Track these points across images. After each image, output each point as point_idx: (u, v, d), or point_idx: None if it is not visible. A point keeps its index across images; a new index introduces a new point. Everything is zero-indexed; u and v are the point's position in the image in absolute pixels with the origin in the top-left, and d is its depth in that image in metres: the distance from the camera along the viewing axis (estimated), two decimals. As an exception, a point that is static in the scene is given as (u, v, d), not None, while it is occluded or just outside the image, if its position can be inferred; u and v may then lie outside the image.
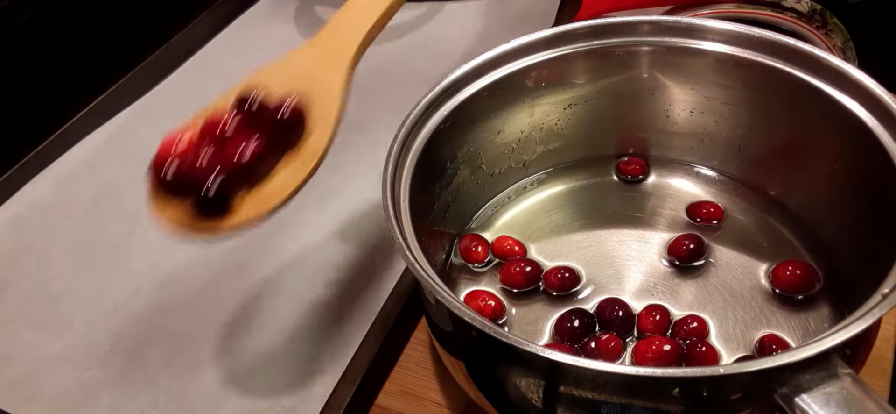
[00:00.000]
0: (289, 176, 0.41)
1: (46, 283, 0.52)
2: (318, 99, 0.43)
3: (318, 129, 0.42)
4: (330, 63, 0.44)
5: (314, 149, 0.42)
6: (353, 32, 0.45)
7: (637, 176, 0.51)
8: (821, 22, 0.55)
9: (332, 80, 0.44)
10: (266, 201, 0.40)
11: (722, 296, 0.43)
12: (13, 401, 0.45)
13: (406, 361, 0.46)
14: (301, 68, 0.44)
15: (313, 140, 0.42)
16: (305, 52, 0.45)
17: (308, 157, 0.42)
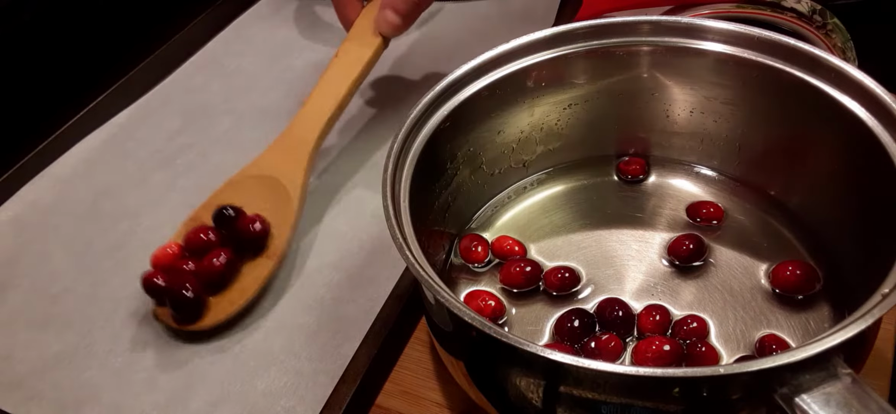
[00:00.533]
0: (251, 279, 0.49)
1: (46, 283, 0.52)
2: (283, 193, 0.51)
3: (279, 231, 0.50)
4: (293, 160, 0.52)
5: (274, 250, 0.50)
6: (309, 131, 0.53)
7: (637, 176, 0.51)
8: (821, 22, 0.55)
9: (296, 175, 0.52)
10: (233, 302, 0.48)
11: (722, 296, 0.43)
12: (13, 401, 0.45)
13: (406, 361, 0.46)
14: (270, 167, 0.53)
15: (274, 243, 0.50)
16: (271, 153, 0.53)
17: (269, 258, 0.49)
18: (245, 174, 0.53)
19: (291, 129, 0.54)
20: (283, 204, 0.51)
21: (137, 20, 0.74)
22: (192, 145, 0.62)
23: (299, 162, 0.52)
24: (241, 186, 0.52)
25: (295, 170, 0.52)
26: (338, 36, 0.73)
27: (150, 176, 0.60)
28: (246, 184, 0.52)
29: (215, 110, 0.66)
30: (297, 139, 0.53)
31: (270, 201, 0.51)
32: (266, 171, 0.52)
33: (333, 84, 0.54)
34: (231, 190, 0.52)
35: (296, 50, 0.73)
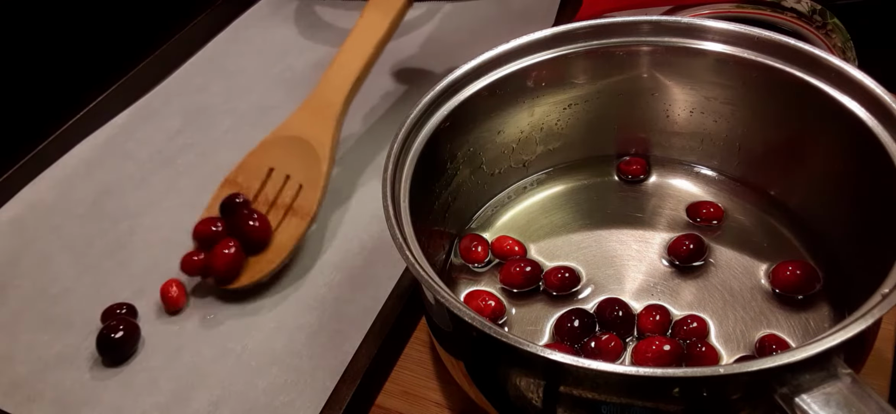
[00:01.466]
0: (286, 238, 0.51)
1: (47, 283, 0.52)
2: (312, 154, 0.53)
3: (310, 190, 0.52)
4: (321, 122, 0.54)
5: (306, 211, 0.52)
6: (336, 92, 0.54)
7: (638, 176, 0.51)
8: (821, 22, 0.55)
9: (325, 136, 0.53)
10: (271, 262, 0.50)
11: (722, 296, 0.43)
12: (14, 401, 0.45)
13: (406, 361, 0.46)
14: (299, 128, 0.54)
15: (307, 201, 0.52)
16: (300, 115, 0.54)
17: (302, 219, 0.51)
18: (276, 135, 0.54)
19: (319, 90, 0.55)
20: (312, 165, 0.52)
21: (138, 20, 0.74)
22: (192, 145, 0.62)
23: (327, 124, 0.53)
24: (273, 147, 0.53)
25: (323, 131, 0.53)
26: (338, 36, 0.74)
27: (150, 176, 0.60)
28: (277, 145, 0.53)
29: (215, 110, 0.66)
30: (324, 101, 0.54)
31: (301, 162, 0.52)
32: (295, 133, 0.53)
33: (360, 44, 0.55)
34: (263, 152, 0.53)
35: (296, 50, 0.73)
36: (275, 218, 0.51)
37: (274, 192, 0.52)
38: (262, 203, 0.52)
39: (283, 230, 0.51)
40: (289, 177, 0.52)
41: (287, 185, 0.52)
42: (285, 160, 0.53)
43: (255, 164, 0.53)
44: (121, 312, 0.48)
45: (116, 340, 0.46)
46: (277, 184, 0.52)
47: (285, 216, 0.52)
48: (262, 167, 0.53)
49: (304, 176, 0.52)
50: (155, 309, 0.49)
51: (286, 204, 0.52)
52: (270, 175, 0.53)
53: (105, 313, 0.48)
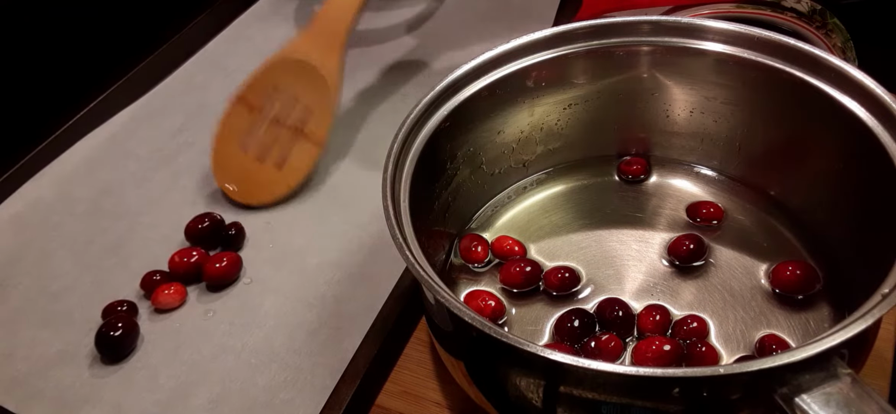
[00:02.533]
0: (301, 162, 0.55)
1: (47, 281, 0.52)
2: (320, 80, 0.55)
3: (320, 115, 0.55)
4: (326, 48, 0.55)
5: (318, 138, 0.55)
6: (340, 19, 0.56)
7: (639, 176, 0.51)
8: (821, 22, 0.55)
9: (331, 62, 0.55)
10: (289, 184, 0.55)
11: (722, 296, 0.43)
12: (15, 399, 0.45)
13: (406, 361, 0.46)
14: (306, 53, 0.55)
15: (318, 127, 0.55)
16: (306, 40, 0.56)
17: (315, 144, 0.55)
18: (284, 57, 0.55)
19: (322, 18, 0.56)
20: (321, 91, 0.55)
21: (138, 20, 0.74)
22: (192, 144, 0.62)
23: (333, 50, 0.55)
24: (281, 69, 0.55)
25: (330, 58, 0.55)
26: (338, 35, 0.74)
27: (151, 175, 0.60)
28: (285, 67, 0.55)
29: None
30: (329, 29, 0.56)
31: (308, 87, 0.55)
32: (303, 57, 0.55)
33: None
34: (271, 71, 0.55)
35: (296, 49, 0.73)
36: (286, 138, 0.55)
37: (282, 112, 0.55)
38: (272, 121, 0.55)
39: (297, 154, 0.55)
40: (297, 99, 0.55)
41: (295, 107, 0.55)
42: (292, 82, 0.55)
43: (264, 83, 0.55)
44: (121, 310, 0.48)
45: (115, 338, 0.46)
46: (286, 104, 0.55)
47: (296, 139, 0.55)
48: (270, 86, 0.55)
49: (311, 100, 0.55)
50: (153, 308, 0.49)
51: (295, 126, 0.55)
52: (276, 92, 0.55)
53: (105, 310, 0.48)
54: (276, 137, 0.55)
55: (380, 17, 0.75)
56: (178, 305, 0.49)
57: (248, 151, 0.55)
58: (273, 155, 0.55)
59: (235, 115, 0.55)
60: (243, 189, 0.55)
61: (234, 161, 0.55)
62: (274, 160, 0.55)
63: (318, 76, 0.55)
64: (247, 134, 0.55)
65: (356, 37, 0.73)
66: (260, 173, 0.55)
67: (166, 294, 0.49)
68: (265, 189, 0.55)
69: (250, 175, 0.55)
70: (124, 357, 0.47)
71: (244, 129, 0.55)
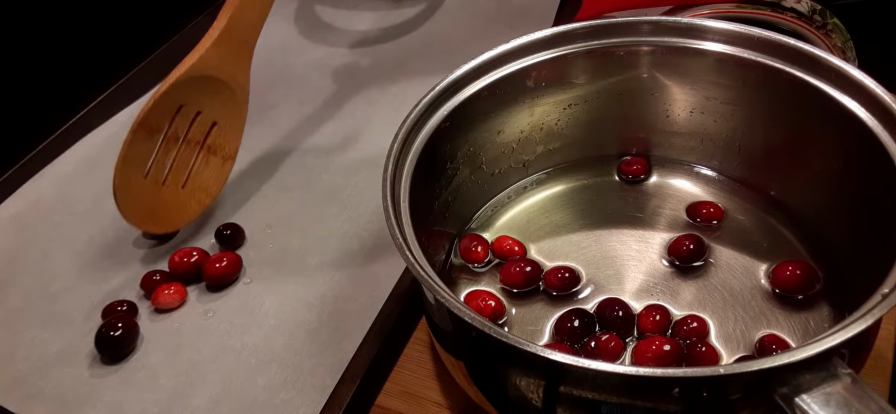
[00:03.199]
0: (213, 181, 0.53)
1: (48, 280, 0.52)
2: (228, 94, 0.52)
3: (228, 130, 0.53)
4: (235, 59, 0.52)
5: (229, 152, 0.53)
6: (251, 27, 0.53)
7: (639, 176, 0.51)
8: (821, 22, 0.55)
9: (241, 74, 0.53)
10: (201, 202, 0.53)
11: (722, 296, 0.43)
12: (15, 399, 0.45)
13: (406, 361, 0.46)
14: (214, 67, 0.51)
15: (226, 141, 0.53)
16: (214, 51, 0.51)
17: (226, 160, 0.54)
18: (191, 73, 0.50)
19: (231, 24, 0.51)
20: (229, 105, 0.52)
21: (139, 20, 0.74)
22: (192, 144, 0.62)
23: (243, 61, 0.53)
24: (187, 87, 0.51)
25: (239, 70, 0.52)
26: (338, 36, 0.74)
27: (150, 175, 0.60)
28: (191, 84, 0.51)
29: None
30: (238, 36, 0.52)
31: (214, 100, 0.52)
32: (212, 73, 0.51)
33: None
34: (176, 91, 0.50)
35: (296, 50, 0.73)
36: (190, 154, 0.52)
37: (184, 128, 0.51)
38: (175, 141, 0.51)
39: (207, 170, 0.52)
40: (199, 113, 0.51)
41: (197, 120, 0.52)
42: (198, 99, 0.51)
43: (167, 103, 0.50)
44: (121, 310, 0.48)
45: (115, 338, 0.46)
46: (187, 119, 0.51)
47: (201, 154, 0.52)
48: (174, 105, 0.51)
49: (219, 115, 0.52)
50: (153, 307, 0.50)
51: (199, 141, 0.52)
52: (180, 111, 0.51)
53: (105, 310, 0.48)
54: (179, 157, 0.52)
55: (380, 16, 0.75)
56: (178, 305, 0.49)
57: (148, 177, 0.51)
58: (176, 176, 0.52)
59: (137, 142, 0.49)
60: (150, 218, 0.52)
61: (137, 190, 0.50)
62: (177, 181, 0.52)
63: (227, 89, 0.52)
64: (148, 159, 0.51)
65: (356, 37, 0.73)
66: (164, 197, 0.52)
67: (166, 294, 0.49)
68: (174, 213, 0.52)
69: (154, 201, 0.51)
70: (124, 357, 0.47)
71: (145, 155, 0.50)
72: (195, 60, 0.50)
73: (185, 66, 0.50)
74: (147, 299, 0.50)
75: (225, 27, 0.51)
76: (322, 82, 0.68)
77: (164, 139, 0.50)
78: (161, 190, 0.51)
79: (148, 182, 0.51)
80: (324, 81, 0.68)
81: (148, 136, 0.50)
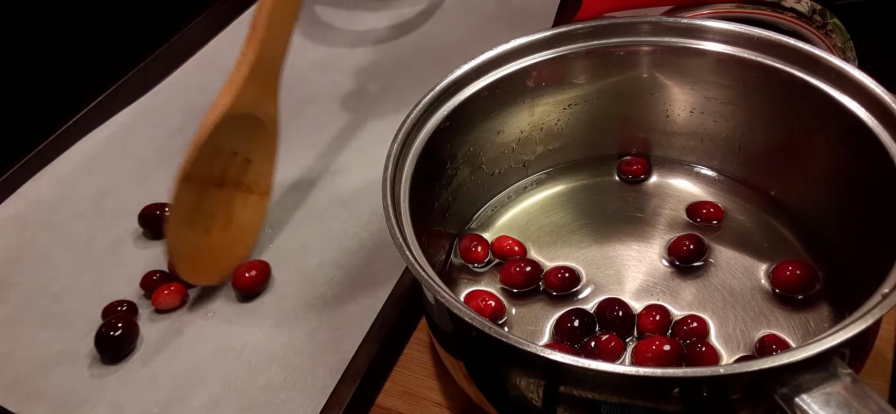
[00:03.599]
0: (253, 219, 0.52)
1: (48, 280, 0.52)
2: (262, 129, 0.51)
3: (262, 165, 0.52)
4: (264, 93, 0.51)
5: (264, 188, 0.52)
6: (274, 57, 0.51)
7: (639, 176, 0.51)
8: (821, 22, 0.55)
9: (271, 108, 0.51)
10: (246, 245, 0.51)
11: (722, 296, 0.43)
12: (15, 399, 0.45)
13: (406, 361, 0.46)
14: (251, 105, 0.50)
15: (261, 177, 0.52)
16: (248, 88, 0.49)
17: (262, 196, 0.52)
18: (225, 113, 0.48)
19: (259, 59, 0.50)
20: (262, 139, 0.51)
21: (138, 20, 0.74)
22: (192, 144, 0.62)
23: (271, 94, 0.51)
24: (222, 129, 0.48)
25: (270, 103, 0.51)
26: (338, 36, 0.74)
27: (151, 174, 0.60)
28: (227, 125, 0.48)
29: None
30: (265, 70, 0.50)
31: (247, 137, 0.50)
32: (246, 110, 0.49)
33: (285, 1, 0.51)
34: (214, 136, 0.48)
35: (296, 50, 0.72)
36: (231, 196, 0.50)
37: (221, 169, 0.50)
38: (212, 185, 0.49)
39: (246, 209, 0.51)
40: (236, 153, 0.50)
41: (234, 161, 0.50)
42: (232, 138, 0.50)
43: (206, 150, 0.48)
44: (121, 310, 0.48)
45: (115, 338, 0.46)
46: (224, 162, 0.50)
47: (240, 193, 0.51)
48: (212, 150, 0.48)
49: (252, 151, 0.51)
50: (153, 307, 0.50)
51: (237, 180, 0.50)
52: (217, 154, 0.49)
53: (105, 310, 0.48)
54: (221, 201, 0.50)
55: (380, 17, 0.75)
56: (177, 306, 0.49)
57: (196, 228, 0.49)
58: (218, 221, 0.50)
59: (182, 195, 0.47)
60: (202, 270, 0.49)
61: (188, 245, 0.49)
62: (222, 227, 0.50)
63: (260, 125, 0.51)
64: (193, 211, 0.49)
65: (356, 37, 0.73)
66: (212, 246, 0.50)
67: (166, 294, 0.49)
68: (223, 260, 0.50)
69: (205, 252, 0.49)
70: (124, 357, 0.47)
71: (190, 207, 0.48)
72: (231, 100, 0.48)
73: (220, 109, 0.48)
74: (147, 299, 0.50)
75: (254, 61, 0.49)
76: (322, 82, 0.68)
77: (205, 186, 0.49)
78: (209, 239, 0.49)
79: (196, 234, 0.49)
80: (324, 81, 0.68)
81: (191, 187, 0.48)
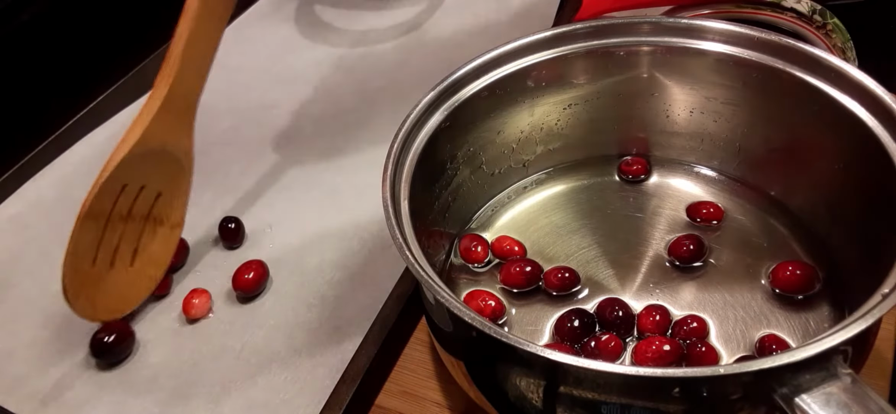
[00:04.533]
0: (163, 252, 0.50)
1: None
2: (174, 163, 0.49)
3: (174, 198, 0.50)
4: (179, 127, 0.49)
5: (176, 221, 0.50)
6: (191, 92, 0.49)
7: (639, 176, 0.51)
8: (821, 22, 0.55)
9: (186, 141, 0.49)
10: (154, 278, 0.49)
11: (722, 296, 0.43)
12: (15, 399, 0.45)
13: (406, 361, 0.46)
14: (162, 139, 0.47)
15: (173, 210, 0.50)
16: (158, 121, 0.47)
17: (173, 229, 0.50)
18: (135, 150, 0.46)
19: (172, 91, 0.47)
20: (174, 174, 0.49)
21: (138, 20, 0.74)
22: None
23: (186, 128, 0.49)
24: (131, 165, 0.46)
25: (184, 137, 0.49)
26: (338, 36, 0.74)
27: (150, 175, 0.60)
28: (136, 160, 0.46)
29: (216, 109, 0.66)
30: (180, 104, 0.48)
31: (157, 171, 0.48)
32: (159, 146, 0.47)
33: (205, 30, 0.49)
34: (121, 172, 0.46)
35: (296, 49, 0.73)
36: (136, 230, 0.48)
37: (128, 206, 0.47)
38: (117, 220, 0.47)
39: (155, 242, 0.49)
40: (143, 187, 0.48)
41: (141, 195, 0.48)
42: (140, 173, 0.47)
43: (112, 186, 0.46)
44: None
45: (109, 344, 0.46)
46: (131, 197, 0.47)
47: (148, 226, 0.49)
48: (118, 186, 0.46)
49: (163, 185, 0.49)
50: (155, 307, 0.49)
51: (146, 214, 0.48)
52: (123, 191, 0.47)
53: None
54: (125, 236, 0.48)
55: (380, 17, 0.75)
56: (207, 314, 0.49)
57: (97, 263, 0.47)
58: (124, 255, 0.48)
59: (84, 232, 0.45)
60: (103, 306, 0.47)
61: (87, 280, 0.46)
62: (125, 260, 0.48)
63: (171, 159, 0.48)
64: (95, 247, 0.46)
65: (356, 37, 0.73)
66: (114, 280, 0.48)
67: (196, 303, 0.49)
68: (126, 292, 0.48)
69: (105, 287, 0.47)
70: (121, 362, 0.47)
71: (92, 243, 0.46)
72: (138, 137, 0.46)
73: (127, 145, 0.46)
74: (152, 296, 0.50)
75: (166, 97, 0.47)
76: (322, 82, 0.68)
77: (108, 221, 0.46)
78: (110, 273, 0.47)
79: (97, 269, 0.47)
80: (324, 81, 0.68)
81: (94, 225, 0.46)
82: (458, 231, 0.49)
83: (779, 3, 0.56)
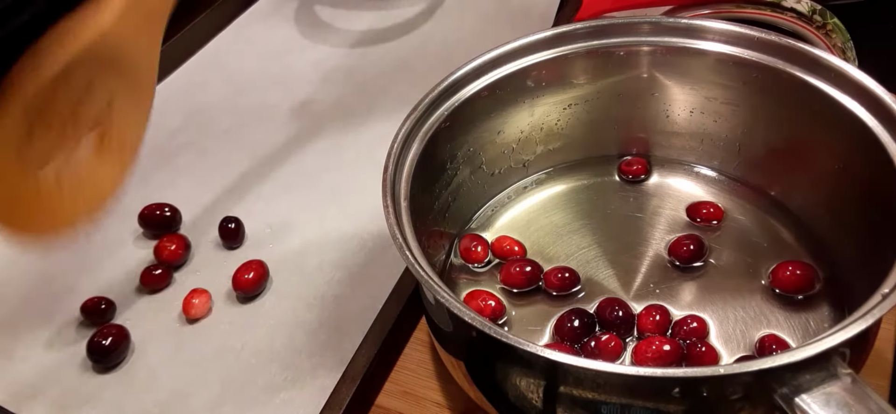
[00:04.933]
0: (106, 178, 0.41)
1: (48, 281, 0.52)
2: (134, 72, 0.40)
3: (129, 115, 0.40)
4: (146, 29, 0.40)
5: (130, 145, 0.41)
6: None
7: (639, 176, 0.51)
8: (821, 22, 0.55)
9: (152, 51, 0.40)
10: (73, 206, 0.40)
11: (722, 296, 0.43)
12: (15, 399, 0.45)
13: (406, 361, 0.46)
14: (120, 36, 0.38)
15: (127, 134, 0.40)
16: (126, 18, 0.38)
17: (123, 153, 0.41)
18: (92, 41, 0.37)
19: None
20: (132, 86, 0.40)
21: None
22: (192, 143, 0.62)
23: (153, 35, 0.40)
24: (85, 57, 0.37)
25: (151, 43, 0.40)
26: (338, 36, 0.74)
27: (151, 174, 0.60)
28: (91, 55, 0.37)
29: (216, 109, 0.66)
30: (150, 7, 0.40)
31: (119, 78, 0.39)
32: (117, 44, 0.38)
33: None
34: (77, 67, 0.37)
35: (296, 49, 0.73)
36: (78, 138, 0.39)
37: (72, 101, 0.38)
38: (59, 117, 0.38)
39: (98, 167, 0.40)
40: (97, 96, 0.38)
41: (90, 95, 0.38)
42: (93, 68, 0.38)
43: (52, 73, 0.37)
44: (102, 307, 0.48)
45: (106, 347, 0.46)
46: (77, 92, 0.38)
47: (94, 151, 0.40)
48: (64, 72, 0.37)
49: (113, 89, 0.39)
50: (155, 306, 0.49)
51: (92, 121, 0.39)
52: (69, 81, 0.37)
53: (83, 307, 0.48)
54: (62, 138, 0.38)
55: (380, 17, 0.75)
56: (207, 314, 0.49)
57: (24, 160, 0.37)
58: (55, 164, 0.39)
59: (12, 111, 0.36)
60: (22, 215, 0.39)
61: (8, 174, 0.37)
62: (55, 171, 0.39)
63: (132, 68, 0.39)
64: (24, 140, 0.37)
65: (356, 37, 0.73)
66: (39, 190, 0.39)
67: (196, 303, 0.48)
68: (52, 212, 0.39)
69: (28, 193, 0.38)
70: (117, 365, 0.46)
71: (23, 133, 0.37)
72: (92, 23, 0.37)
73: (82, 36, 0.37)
74: (149, 295, 0.50)
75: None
76: (322, 82, 0.68)
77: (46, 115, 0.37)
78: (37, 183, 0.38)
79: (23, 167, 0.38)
80: (324, 81, 0.68)
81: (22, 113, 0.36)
82: (458, 231, 0.49)
83: (779, 3, 0.56)
